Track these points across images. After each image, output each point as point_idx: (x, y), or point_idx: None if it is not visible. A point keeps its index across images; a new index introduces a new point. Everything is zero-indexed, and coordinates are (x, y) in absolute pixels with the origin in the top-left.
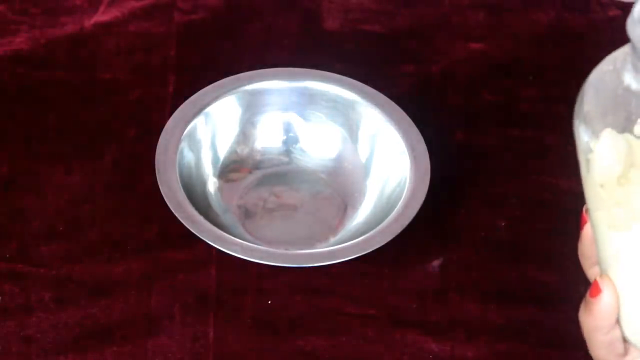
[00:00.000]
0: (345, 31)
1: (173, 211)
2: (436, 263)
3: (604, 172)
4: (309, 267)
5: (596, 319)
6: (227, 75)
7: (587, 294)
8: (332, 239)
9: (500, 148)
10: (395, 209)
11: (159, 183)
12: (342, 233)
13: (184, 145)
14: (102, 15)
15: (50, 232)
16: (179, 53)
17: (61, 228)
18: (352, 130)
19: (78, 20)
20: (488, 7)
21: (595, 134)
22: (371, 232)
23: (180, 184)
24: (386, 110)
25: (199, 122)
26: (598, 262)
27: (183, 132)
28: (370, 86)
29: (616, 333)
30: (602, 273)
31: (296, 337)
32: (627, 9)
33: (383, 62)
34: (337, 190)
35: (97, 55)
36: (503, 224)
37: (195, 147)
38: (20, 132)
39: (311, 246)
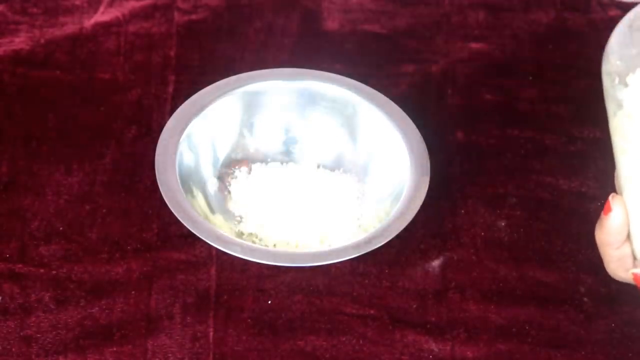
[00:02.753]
0: (345, 31)
1: (173, 211)
2: (436, 263)
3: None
4: (309, 267)
5: (607, 235)
6: (227, 75)
7: (602, 212)
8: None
9: (500, 148)
10: (395, 209)
11: (159, 183)
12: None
13: (183, 145)
14: (102, 16)
15: (50, 232)
16: (179, 53)
17: (61, 228)
18: (352, 130)
19: (78, 20)
20: (488, 7)
21: (622, 80)
22: (371, 232)
23: (180, 184)
24: (386, 110)
25: (199, 122)
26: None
27: (183, 132)
28: (370, 86)
29: (626, 249)
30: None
31: (296, 337)
32: (627, 8)
33: (383, 62)
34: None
35: (96, 55)
36: (503, 224)
37: (195, 147)
38: (20, 132)
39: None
